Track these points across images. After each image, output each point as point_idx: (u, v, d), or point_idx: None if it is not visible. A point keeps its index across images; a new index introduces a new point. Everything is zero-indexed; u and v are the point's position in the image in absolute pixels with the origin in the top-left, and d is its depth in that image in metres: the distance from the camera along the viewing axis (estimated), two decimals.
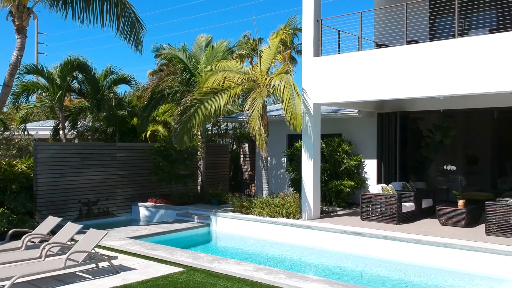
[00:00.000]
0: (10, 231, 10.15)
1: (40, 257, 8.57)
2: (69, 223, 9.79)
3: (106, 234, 8.70)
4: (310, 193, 11.93)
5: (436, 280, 8.83)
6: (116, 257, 8.97)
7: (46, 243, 8.86)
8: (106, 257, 8.68)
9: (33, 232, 10.07)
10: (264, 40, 34.65)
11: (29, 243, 9.60)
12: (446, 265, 9.09)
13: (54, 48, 60.82)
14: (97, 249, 8.96)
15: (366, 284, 8.30)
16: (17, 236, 10.04)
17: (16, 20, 11.22)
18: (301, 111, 11.79)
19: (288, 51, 35.22)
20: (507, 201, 9.99)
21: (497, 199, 10.57)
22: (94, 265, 8.76)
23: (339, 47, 12.33)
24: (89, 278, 8.17)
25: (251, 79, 13.16)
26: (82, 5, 11.48)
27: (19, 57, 11.38)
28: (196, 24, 65.70)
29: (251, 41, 31.28)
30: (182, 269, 8.69)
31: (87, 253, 8.27)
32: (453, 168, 13.89)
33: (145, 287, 7.64)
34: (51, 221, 10.33)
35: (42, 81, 16.96)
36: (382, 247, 9.99)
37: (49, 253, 8.71)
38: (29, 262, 8.41)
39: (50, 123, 22.46)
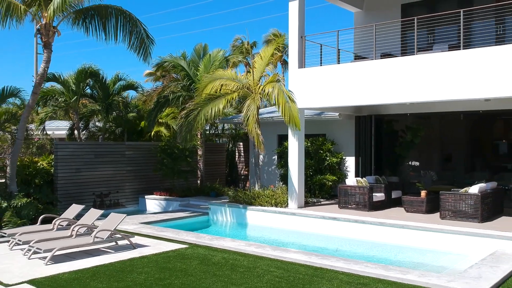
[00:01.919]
0: (41, 216, 11.96)
1: (71, 235, 10.46)
2: (92, 209, 11.70)
3: (125, 217, 10.59)
4: (295, 185, 13.83)
5: (393, 253, 10.77)
6: (133, 236, 10.91)
7: (75, 224, 10.76)
8: (125, 235, 10.59)
9: (61, 216, 11.95)
10: (258, 44, 36.57)
11: (58, 226, 11.49)
12: (404, 242, 11.04)
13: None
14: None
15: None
16: (44, 222, 11.89)
17: (43, 37, 13.07)
18: (298, 113, 13.29)
19: (280, 54, 37.15)
20: (458, 191, 11.95)
21: (451, 189, 12.51)
22: (114, 243, 10.67)
23: (321, 58, 14.28)
24: (112, 252, 10.07)
25: (245, 86, 15.02)
26: (99, 24, 13.32)
27: (46, 68, 13.24)
28: (193, 26, 67.43)
29: (246, 44, 33.07)
30: (187, 246, 10.60)
31: (110, 232, 10.17)
32: (417, 164, 15.83)
33: (159, 258, 9.54)
34: (75, 208, 12.24)
35: (57, 86, 18.75)
36: (353, 229, 11.93)
37: (77, 233, 10.61)
38: (63, 239, 10.29)
39: (58, 123, 24.27)
